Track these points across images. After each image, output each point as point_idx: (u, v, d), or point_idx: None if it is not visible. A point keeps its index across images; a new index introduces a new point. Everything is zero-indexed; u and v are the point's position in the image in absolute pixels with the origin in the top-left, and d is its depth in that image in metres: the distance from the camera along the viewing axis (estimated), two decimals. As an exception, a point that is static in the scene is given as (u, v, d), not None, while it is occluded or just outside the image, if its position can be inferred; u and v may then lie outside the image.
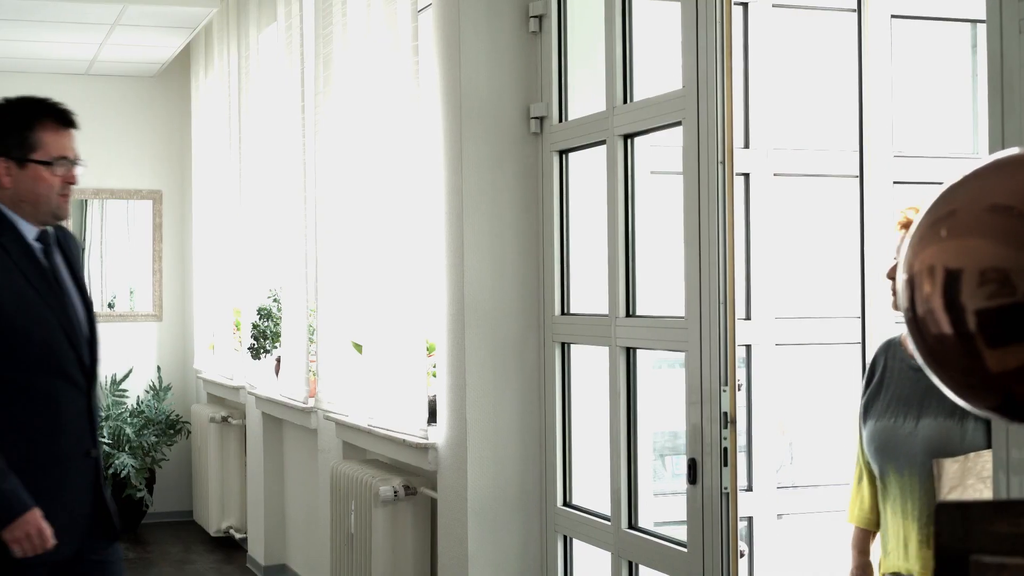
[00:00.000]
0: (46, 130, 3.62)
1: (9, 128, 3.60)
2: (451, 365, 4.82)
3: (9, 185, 3.58)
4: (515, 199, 4.76)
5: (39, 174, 3.59)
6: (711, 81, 3.74)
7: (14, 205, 3.59)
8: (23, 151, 3.57)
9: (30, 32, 8.45)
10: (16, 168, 3.57)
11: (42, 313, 3.53)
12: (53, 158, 3.61)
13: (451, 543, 4.85)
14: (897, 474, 3.24)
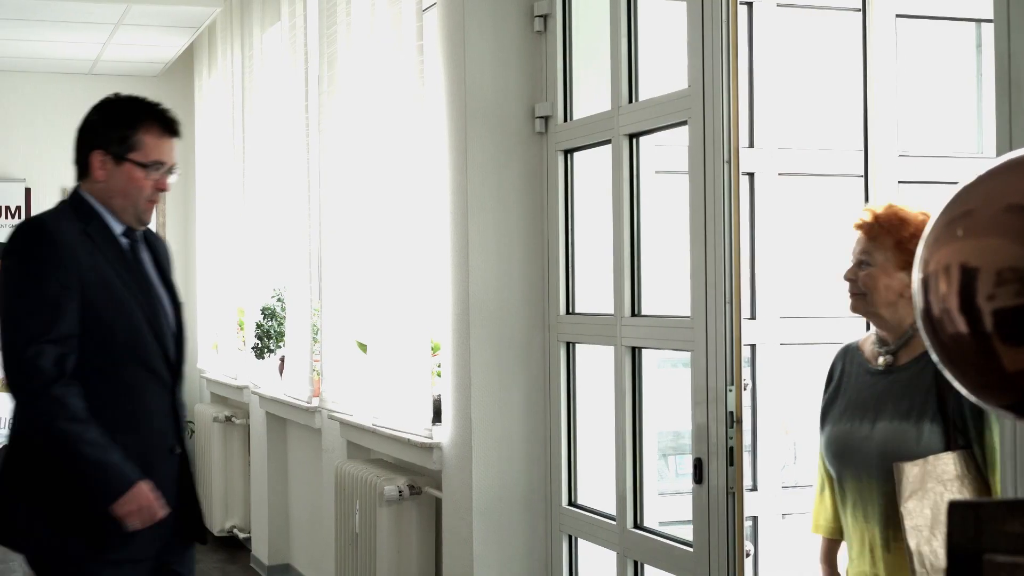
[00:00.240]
0: (149, 133, 3.59)
1: (113, 124, 3.59)
2: (456, 364, 4.82)
3: (103, 179, 3.57)
4: (520, 198, 4.75)
5: (133, 174, 3.56)
6: (717, 80, 3.74)
7: (104, 199, 3.58)
8: (123, 149, 3.56)
9: (33, 32, 8.45)
10: (112, 163, 3.56)
11: (127, 304, 3.50)
12: (151, 161, 3.58)
13: (456, 543, 4.85)
14: (855, 479, 3.23)
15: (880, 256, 3.18)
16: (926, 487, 3.03)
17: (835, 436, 3.29)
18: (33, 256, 3.42)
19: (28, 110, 9.77)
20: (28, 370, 3.37)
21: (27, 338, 3.38)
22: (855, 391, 3.28)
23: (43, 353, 3.37)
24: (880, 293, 3.18)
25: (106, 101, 3.67)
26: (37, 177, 9.76)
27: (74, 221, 3.52)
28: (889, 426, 3.14)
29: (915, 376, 3.14)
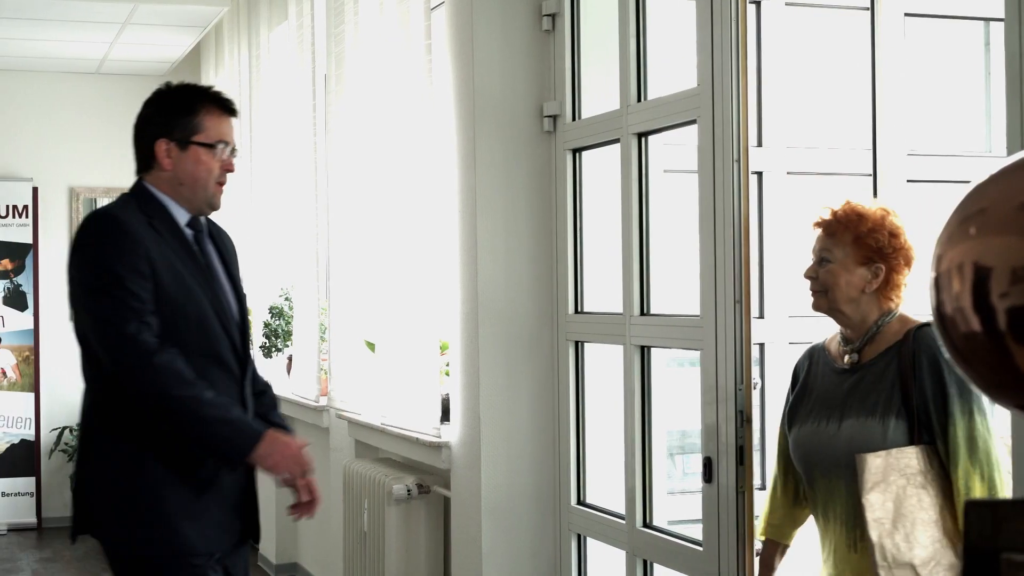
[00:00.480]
0: (209, 114, 3.53)
1: (173, 111, 3.52)
2: (464, 363, 4.82)
3: (169, 167, 3.50)
4: (528, 197, 4.75)
5: (200, 157, 3.50)
6: (726, 79, 3.74)
7: (171, 189, 3.51)
8: (186, 133, 3.50)
9: (41, 31, 8.46)
10: (177, 150, 3.49)
11: (195, 294, 3.45)
12: (216, 141, 3.52)
13: (465, 542, 4.85)
14: (823, 478, 3.21)
15: (839, 252, 3.18)
16: (888, 480, 3.02)
17: (802, 436, 3.27)
18: (108, 244, 3.36)
19: (35, 109, 9.78)
20: (133, 346, 3.30)
21: (123, 317, 3.30)
22: (822, 390, 3.26)
23: (143, 328, 3.31)
24: (841, 289, 3.18)
25: (159, 92, 3.60)
26: (44, 176, 9.78)
27: (139, 213, 3.46)
28: (856, 423, 3.13)
29: (880, 373, 3.14)
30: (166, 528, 3.40)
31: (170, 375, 3.31)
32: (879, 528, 3.01)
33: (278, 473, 3.44)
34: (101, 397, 3.46)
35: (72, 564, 8.34)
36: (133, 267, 3.34)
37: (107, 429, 3.44)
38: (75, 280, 3.42)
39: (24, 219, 9.61)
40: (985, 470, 2.99)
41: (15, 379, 9.58)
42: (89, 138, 9.88)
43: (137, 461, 3.40)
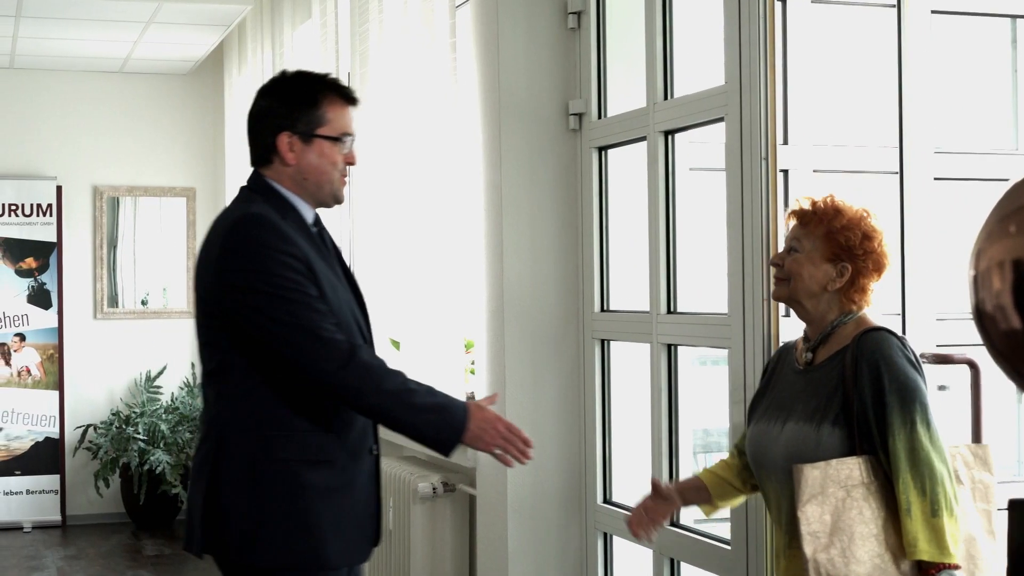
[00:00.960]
0: (332, 105, 3.37)
1: (295, 101, 3.35)
2: (490, 362, 4.82)
3: (293, 162, 3.35)
4: (554, 196, 4.75)
5: (325, 150, 3.36)
6: (754, 76, 3.72)
7: (294, 184, 3.37)
8: (310, 126, 3.34)
9: (65, 30, 8.49)
10: (300, 143, 3.34)
11: (339, 293, 3.34)
12: (340, 134, 3.38)
13: (490, 540, 4.85)
14: (767, 480, 3.16)
15: (808, 244, 3.11)
16: (827, 491, 2.92)
17: (753, 436, 3.21)
18: (272, 249, 3.21)
19: (59, 109, 9.81)
20: (335, 348, 3.18)
21: (315, 321, 3.18)
22: (779, 389, 3.20)
23: (335, 329, 3.19)
24: (804, 281, 3.10)
25: (276, 83, 3.44)
26: (68, 175, 9.81)
27: (275, 212, 3.31)
28: (795, 427, 3.05)
29: (824, 376, 3.05)
30: (314, 541, 3.26)
31: (376, 371, 3.20)
32: (814, 542, 2.90)
33: (491, 451, 3.28)
34: (243, 407, 3.27)
35: (96, 561, 8.37)
36: (300, 270, 3.22)
37: (249, 442, 3.25)
38: (239, 287, 3.20)
39: (48, 218, 9.64)
40: (927, 484, 2.85)
41: (39, 377, 9.61)
42: (113, 137, 9.91)
43: (285, 476, 3.24)
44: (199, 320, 3.35)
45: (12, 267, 9.57)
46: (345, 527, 3.31)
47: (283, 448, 3.24)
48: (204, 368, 3.36)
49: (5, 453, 9.53)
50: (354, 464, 3.34)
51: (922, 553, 2.85)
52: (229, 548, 3.28)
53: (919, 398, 2.92)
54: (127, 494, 9.45)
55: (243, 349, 3.24)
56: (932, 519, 2.85)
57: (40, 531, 9.42)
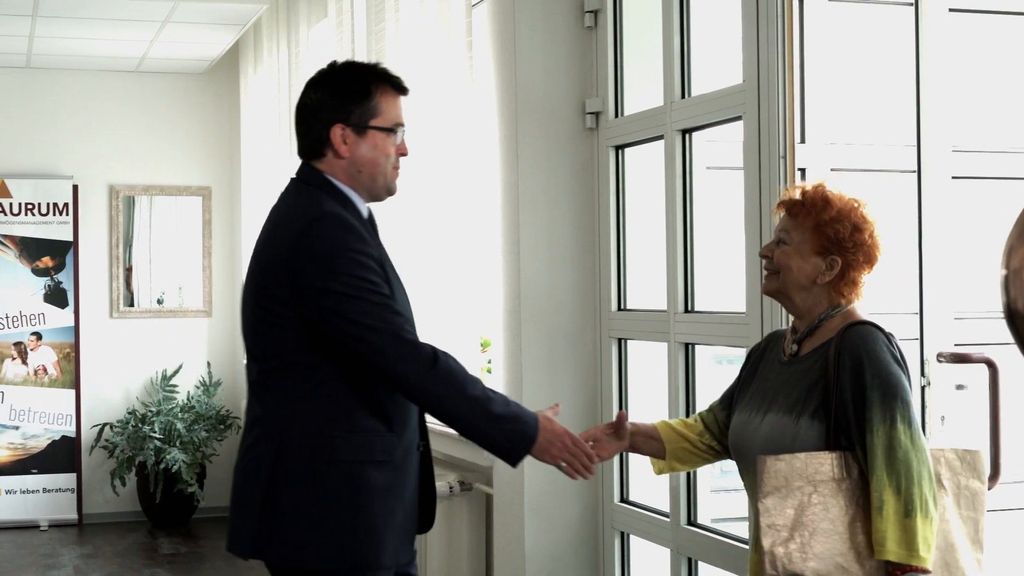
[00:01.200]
0: (385, 95, 3.33)
1: (348, 93, 3.30)
2: (507, 361, 4.81)
3: (346, 154, 3.30)
4: (571, 194, 4.75)
5: (378, 142, 3.32)
6: (772, 75, 3.72)
7: (349, 177, 3.32)
8: (363, 117, 3.29)
9: (81, 29, 8.50)
10: (354, 135, 3.29)
11: (402, 290, 3.31)
12: (393, 124, 3.34)
13: (507, 539, 4.84)
14: (746, 472, 3.10)
15: (797, 236, 3.04)
16: (792, 485, 2.86)
17: (736, 425, 3.16)
18: (347, 248, 3.17)
19: (75, 108, 9.83)
20: (416, 351, 3.15)
21: (395, 323, 3.15)
22: (763, 379, 3.14)
23: (413, 332, 3.17)
24: (793, 273, 3.03)
25: (327, 74, 3.37)
26: (84, 174, 9.82)
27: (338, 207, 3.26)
28: (774, 419, 3.00)
29: (807, 369, 3.00)
30: (373, 542, 3.22)
31: (459, 376, 3.17)
32: (773, 535, 2.85)
33: (557, 464, 3.25)
34: (306, 407, 3.22)
35: (113, 560, 8.38)
36: (377, 271, 3.19)
37: (312, 443, 3.20)
38: (317, 289, 3.14)
39: (64, 217, 9.66)
40: (903, 483, 2.78)
41: (56, 376, 9.63)
42: (129, 136, 9.92)
43: (349, 477, 3.20)
44: (255, 317, 3.27)
45: (29, 266, 9.59)
46: (396, 527, 3.29)
47: (347, 449, 3.20)
48: (261, 366, 3.27)
49: (22, 451, 9.56)
50: (406, 462, 3.31)
51: (889, 553, 2.78)
52: (284, 550, 3.22)
53: (901, 395, 2.84)
54: (143, 493, 9.46)
55: (310, 348, 3.19)
56: (904, 519, 2.77)
57: (56, 529, 9.44)
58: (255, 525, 3.23)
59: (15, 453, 9.54)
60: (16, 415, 9.56)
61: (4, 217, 9.55)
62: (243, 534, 3.27)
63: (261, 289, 3.24)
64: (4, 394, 9.54)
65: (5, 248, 9.55)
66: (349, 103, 3.29)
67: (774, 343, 3.21)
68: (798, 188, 3.10)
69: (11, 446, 9.54)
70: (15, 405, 9.55)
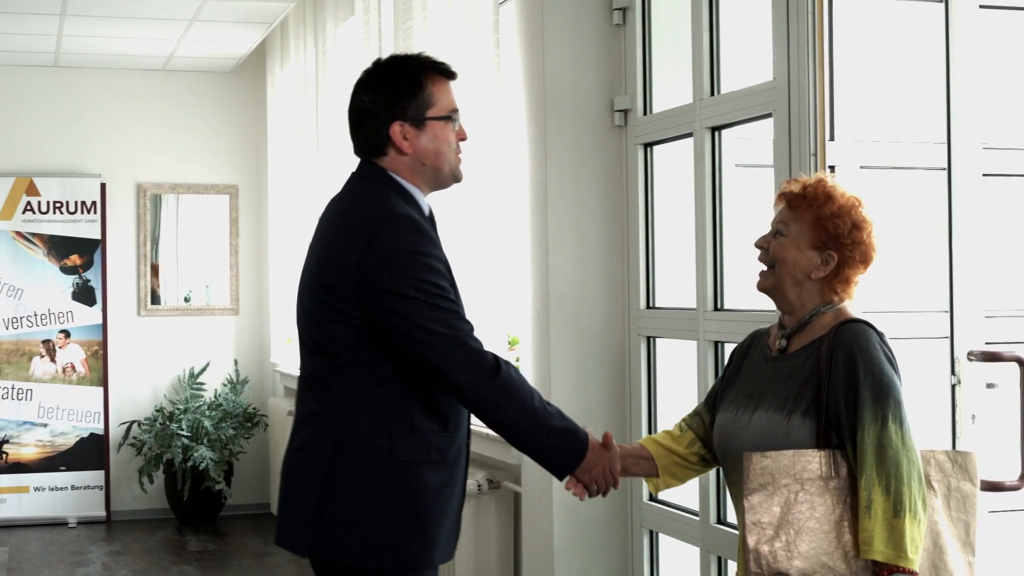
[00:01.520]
0: (435, 84, 3.31)
1: (401, 89, 3.29)
2: (536, 359, 4.81)
3: (409, 150, 3.27)
4: (599, 192, 4.74)
5: (438, 132, 3.29)
6: (803, 71, 3.71)
7: (412, 172, 3.30)
8: (419, 110, 3.27)
9: (109, 28, 8.53)
10: (413, 130, 3.27)
11: (458, 289, 3.27)
12: (449, 111, 3.31)
13: (536, 537, 4.84)
14: (734, 471, 3.05)
15: (796, 228, 3.01)
16: (779, 483, 2.83)
17: (721, 424, 3.12)
18: (415, 250, 3.15)
19: (103, 106, 9.87)
20: (481, 360, 3.13)
21: (464, 328, 3.14)
22: (749, 377, 3.10)
23: (468, 339, 3.13)
24: (788, 266, 3.00)
25: (375, 74, 3.35)
26: (112, 172, 9.86)
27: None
28: (764, 417, 2.96)
29: (798, 366, 2.96)
30: (426, 542, 3.22)
31: (519, 388, 3.15)
32: (758, 532, 2.83)
33: (591, 485, 3.27)
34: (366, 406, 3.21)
35: (141, 557, 8.41)
36: (445, 275, 3.18)
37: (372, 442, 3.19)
38: (385, 290, 3.12)
39: (92, 215, 9.69)
40: (892, 483, 2.75)
41: (84, 373, 9.67)
42: (156, 134, 9.95)
43: (407, 477, 3.20)
44: (314, 311, 3.25)
45: (57, 264, 9.64)
46: (447, 526, 3.29)
47: (405, 449, 3.20)
48: (319, 362, 3.25)
49: (51, 449, 9.60)
50: (458, 463, 3.31)
51: (876, 553, 2.75)
52: (340, 549, 3.21)
53: (893, 394, 2.82)
54: (171, 490, 9.50)
55: (372, 346, 3.17)
56: (893, 519, 2.74)
57: (85, 526, 9.49)
58: (311, 523, 3.22)
59: (44, 450, 9.59)
60: (45, 413, 9.60)
61: (33, 215, 9.60)
62: (298, 531, 3.26)
63: (324, 285, 3.22)
64: (33, 392, 9.59)
65: (34, 246, 9.60)
66: (403, 99, 3.28)
67: (758, 341, 3.19)
68: (798, 181, 3.08)
69: (40, 443, 9.58)
70: (44, 403, 9.60)
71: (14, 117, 9.72)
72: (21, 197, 9.59)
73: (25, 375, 9.59)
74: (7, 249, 9.55)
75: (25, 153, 9.73)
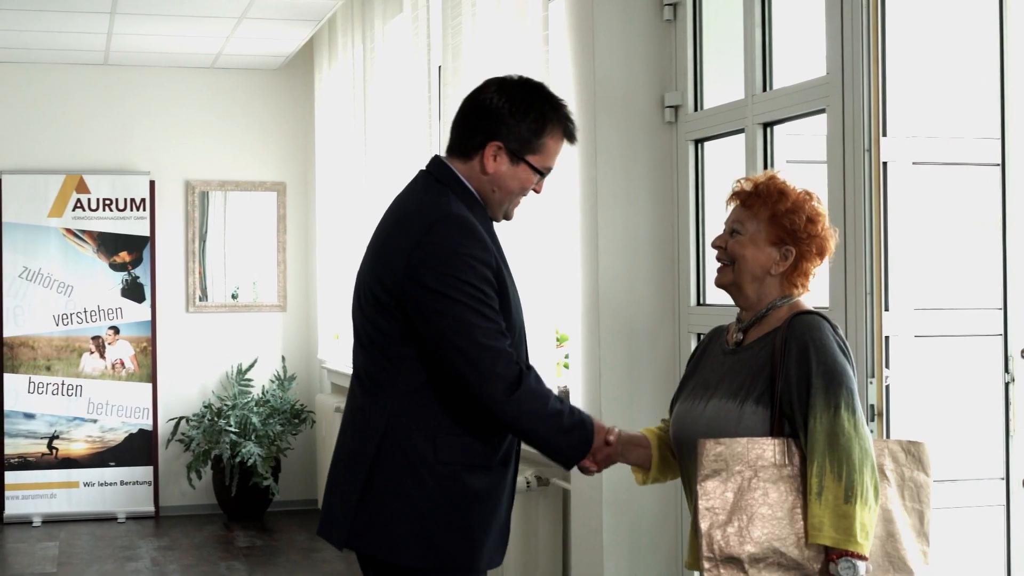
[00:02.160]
0: (554, 138, 3.29)
1: (522, 120, 3.25)
2: (585, 356, 4.80)
3: (491, 171, 3.26)
4: (649, 189, 4.72)
5: (523, 176, 3.28)
6: (857, 66, 3.68)
7: (481, 187, 3.28)
8: (524, 149, 3.25)
9: (158, 26, 8.58)
10: (507, 159, 3.25)
11: (515, 297, 3.27)
12: (546, 168, 3.30)
13: (585, 534, 4.83)
14: (688, 459, 3.08)
15: (752, 226, 3.04)
16: (732, 469, 2.87)
17: (677, 415, 3.15)
18: (465, 252, 3.13)
19: (152, 104, 9.92)
20: (506, 369, 3.11)
21: (498, 338, 3.13)
22: (707, 369, 3.14)
23: (501, 354, 3.12)
24: (748, 263, 3.03)
25: (517, 86, 3.31)
26: (161, 170, 9.92)
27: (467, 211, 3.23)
28: (717, 405, 3.00)
29: (753, 356, 3.00)
30: (468, 545, 3.22)
31: (538, 399, 3.14)
32: (711, 517, 2.85)
33: (590, 469, 3.28)
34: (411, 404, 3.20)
35: (190, 552, 8.46)
36: (491, 281, 3.16)
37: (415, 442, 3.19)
38: (429, 288, 3.11)
39: (142, 212, 9.75)
40: (843, 470, 2.79)
41: (133, 370, 9.73)
42: (204, 132, 10.00)
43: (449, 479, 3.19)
44: (368, 305, 3.25)
45: (107, 261, 9.70)
46: (492, 531, 3.28)
47: (448, 451, 3.19)
48: (368, 355, 3.26)
49: (100, 444, 9.67)
50: (504, 469, 3.29)
51: (825, 538, 2.80)
52: (379, 545, 3.22)
53: (846, 383, 2.87)
54: (219, 486, 9.54)
55: (418, 345, 3.17)
56: (844, 505, 2.79)
57: (134, 521, 9.54)
58: (352, 516, 3.23)
59: (93, 446, 9.66)
60: (94, 408, 9.67)
61: (83, 213, 9.66)
62: (339, 523, 3.27)
63: (376, 279, 3.22)
64: (82, 388, 9.66)
65: (83, 243, 9.67)
66: (518, 128, 3.25)
67: (717, 336, 3.23)
68: (749, 180, 3.11)
69: (89, 439, 9.65)
70: (93, 399, 9.67)
71: (64, 115, 9.79)
72: (71, 194, 9.66)
73: (75, 371, 9.66)
74: (57, 246, 9.62)
75: (75, 150, 9.80)
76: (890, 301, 4.03)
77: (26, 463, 9.54)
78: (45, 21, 8.40)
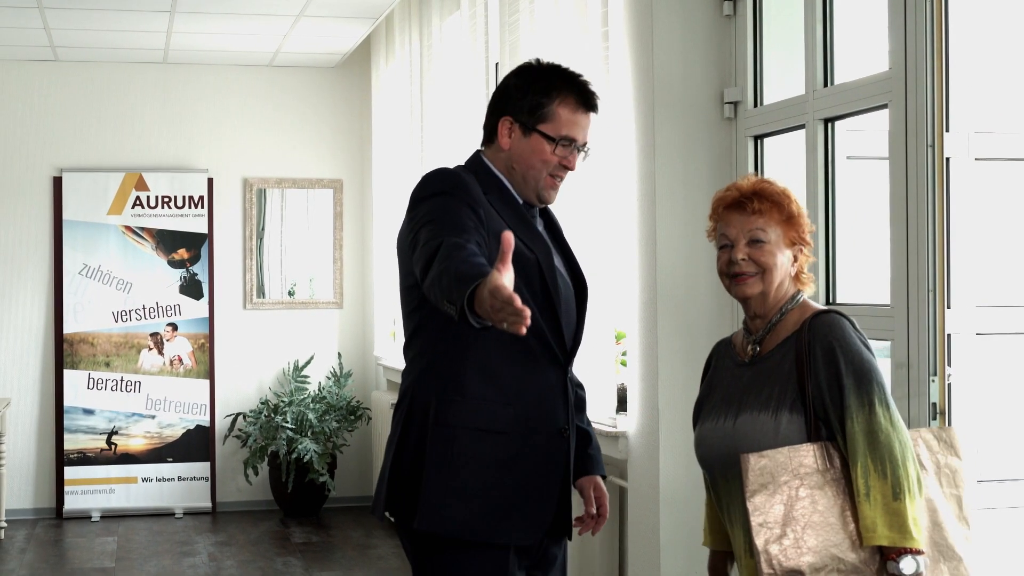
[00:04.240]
0: (564, 105, 3.33)
1: (527, 91, 3.33)
2: (643, 353, 4.77)
3: (506, 147, 3.33)
4: (709, 185, 4.69)
5: (538, 147, 3.31)
6: (920, 61, 3.64)
7: (505, 168, 3.35)
8: (532, 119, 3.31)
9: (217, 25, 8.62)
10: (520, 132, 3.32)
11: (526, 264, 3.22)
12: (560, 136, 3.31)
13: (642, 532, 4.81)
14: (722, 479, 3.03)
15: (773, 233, 3.03)
16: (779, 481, 2.84)
17: (702, 435, 3.11)
18: (443, 192, 3.18)
19: (211, 102, 9.98)
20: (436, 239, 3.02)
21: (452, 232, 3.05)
22: (724, 386, 3.10)
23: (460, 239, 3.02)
24: (777, 271, 3.03)
25: (526, 67, 3.43)
26: (219, 167, 9.97)
27: (476, 184, 3.28)
28: (748, 419, 2.96)
29: (776, 365, 2.97)
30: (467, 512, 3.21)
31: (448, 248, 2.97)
32: (766, 533, 2.82)
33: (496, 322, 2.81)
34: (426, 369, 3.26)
35: (247, 548, 8.50)
36: (471, 210, 3.15)
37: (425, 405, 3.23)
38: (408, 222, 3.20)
39: (200, 209, 9.81)
40: (887, 467, 2.79)
41: (191, 366, 9.80)
42: (262, 130, 10.05)
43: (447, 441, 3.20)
44: (401, 284, 3.38)
45: (165, 258, 9.77)
46: (504, 503, 3.24)
47: (451, 413, 3.22)
48: (405, 341, 3.39)
49: (158, 440, 9.74)
50: (527, 439, 3.26)
51: (882, 538, 2.78)
52: (393, 509, 3.30)
53: (876, 379, 2.87)
54: (275, 482, 9.58)
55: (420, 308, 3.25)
56: (893, 503, 2.78)
57: (191, 517, 9.61)
58: (386, 486, 3.32)
59: (151, 442, 9.73)
60: (152, 404, 9.74)
61: (142, 210, 9.74)
62: (380, 495, 3.36)
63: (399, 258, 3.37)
64: (141, 384, 9.73)
65: (142, 240, 9.74)
66: (526, 100, 3.33)
67: (721, 352, 3.22)
68: (742, 188, 3.09)
69: (148, 435, 9.72)
70: (151, 395, 9.74)
71: (124, 113, 9.86)
72: (130, 192, 9.74)
73: (134, 367, 9.73)
74: (117, 243, 9.70)
75: (134, 148, 9.87)
76: (952, 298, 3.98)
77: (85, 458, 9.63)
78: (105, 20, 8.47)
